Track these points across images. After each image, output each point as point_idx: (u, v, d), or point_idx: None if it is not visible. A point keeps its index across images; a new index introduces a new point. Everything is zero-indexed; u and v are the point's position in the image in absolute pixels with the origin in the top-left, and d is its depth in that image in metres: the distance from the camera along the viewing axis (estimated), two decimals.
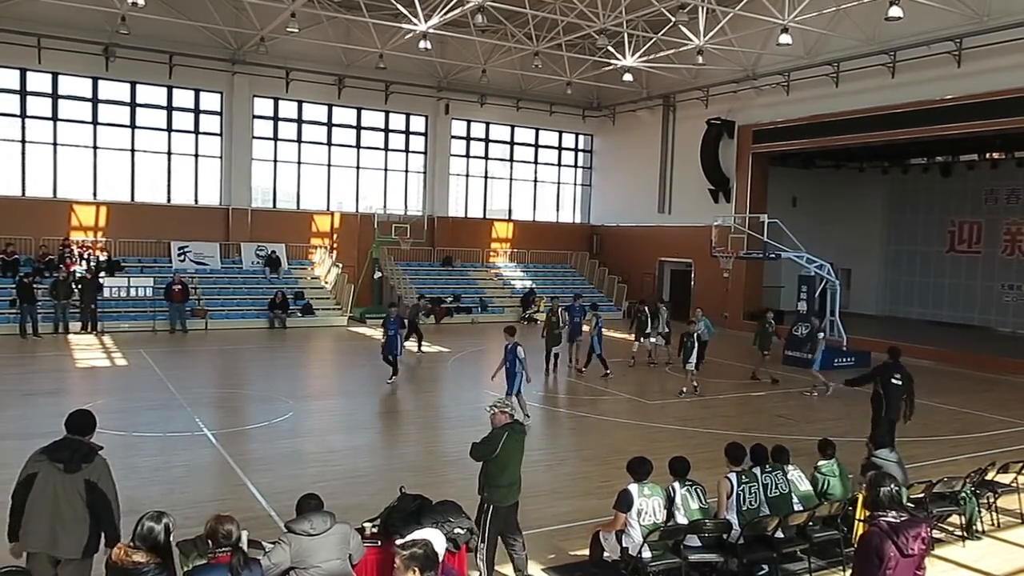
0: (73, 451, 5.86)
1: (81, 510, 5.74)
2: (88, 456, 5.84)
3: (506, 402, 7.58)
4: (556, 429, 14.19)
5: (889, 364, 11.75)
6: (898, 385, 11.47)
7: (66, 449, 5.88)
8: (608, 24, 23.10)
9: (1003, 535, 8.69)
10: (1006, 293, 28.43)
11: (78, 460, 5.81)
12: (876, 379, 11.79)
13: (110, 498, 5.81)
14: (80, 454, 5.84)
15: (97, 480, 5.79)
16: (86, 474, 5.77)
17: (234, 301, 26.57)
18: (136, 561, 4.47)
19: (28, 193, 26.17)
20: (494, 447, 7.06)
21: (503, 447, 7.05)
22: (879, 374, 11.82)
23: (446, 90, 31.99)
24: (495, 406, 7.35)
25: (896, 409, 11.39)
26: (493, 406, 7.36)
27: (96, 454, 5.89)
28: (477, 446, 7.22)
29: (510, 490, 7.14)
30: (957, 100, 21.88)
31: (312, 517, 5.52)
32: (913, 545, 4.60)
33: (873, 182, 32.05)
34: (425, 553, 4.10)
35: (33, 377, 16.81)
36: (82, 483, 5.76)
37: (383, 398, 15.95)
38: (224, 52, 27.74)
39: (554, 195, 36.44)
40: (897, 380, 11.50)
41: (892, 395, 11.44)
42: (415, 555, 4.07)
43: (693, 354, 16.58)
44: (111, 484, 5.87)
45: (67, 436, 5.96)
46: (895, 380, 11.50)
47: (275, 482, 9.82)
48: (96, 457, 5.86)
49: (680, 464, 7.38)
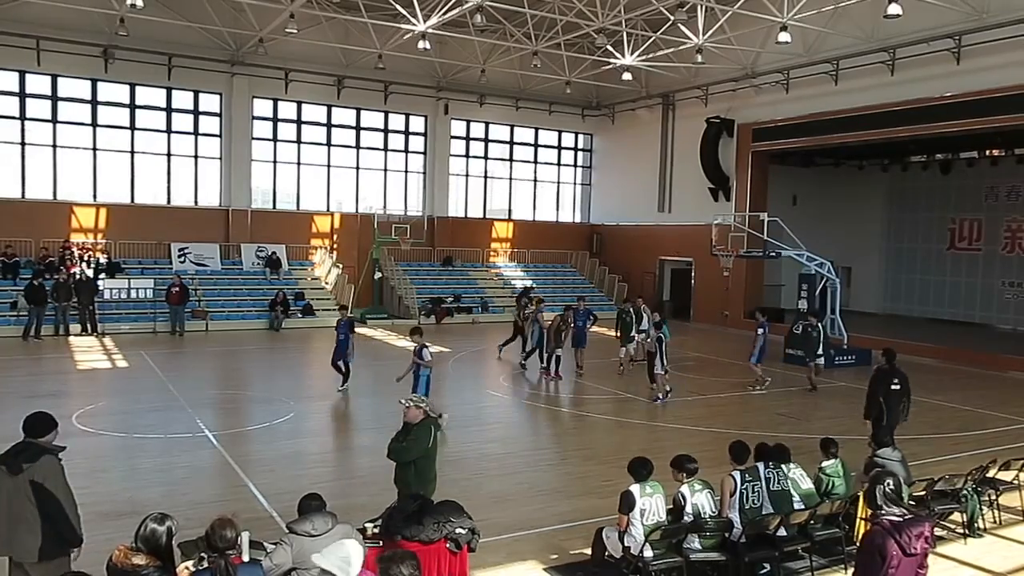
0: (17, 452, 5.74)
1: (31, 512, 5.61)
2: (33, 457, 5.68)
3: (421, 397, 7.54)
4: (557, 429, 14.19)
5: (885, 371, 11.41)
6: (897, 390, 11.14)
7: (11, 452, 5.77)
8: (607, 23, 23.11)
9: (1005, 532, 8.69)
10: (1007, 290, 28.42)
11: (20, 461, 5.66)
12: (878, 391, 11.29)
13: (59, 498, 5.64)
14: (25, 455, 5.70)
15: (43, 481, 5.62)
16: (30, 475, 5.61)
17: (234, 302, 26.58)
18: (136, 564, 4.43)
19: (28, 195, 26.17)
20: (426, 443, 7.12)
21: (433, 440, 7.18)
22: (879, 386, 11.33)
23: (445, 90, 31.99)
24: (411, 400, 7.36)
25: (896, 415, 11.06)
26: (409, 400, 7.37)
27: (44, 455, 5.70)
28: (408, 445, 7.11)
29: (434, 481, 7.32)
30: (956, 97, 21.86)
31: (314, 518, 5.51)
32: (916, 544, 4.59)
33: (873, 180, 32.05)
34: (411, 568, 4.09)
35: (34, 379, 16.79)
36: (27, 484, 5.61)
37: (384, 399, 15.92)
38: (223, 53, 27.74)
39: (554, 195, 36.44)
40: (896, 386, 11.16)
41: (893, 403, 11.08)
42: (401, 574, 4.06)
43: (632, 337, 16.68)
44: (61, 484, 5.69)
45: (24, 439, 5.84)
46: (894, 386, 11.15)
47: (276, 483, 9.82)
48: (43, 457, 5.68)
49: (689, 463, 7.33)
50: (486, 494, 9.60)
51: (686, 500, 7.10)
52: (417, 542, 6.31)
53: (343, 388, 15.90)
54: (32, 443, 5.80)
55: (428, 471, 7.24)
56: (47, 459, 5.71)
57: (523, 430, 14.28)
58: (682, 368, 19.77)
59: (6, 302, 22.96)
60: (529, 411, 15.48)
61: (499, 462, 11.47)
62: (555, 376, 17.75)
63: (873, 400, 11.29)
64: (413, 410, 7.23)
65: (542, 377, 17.82)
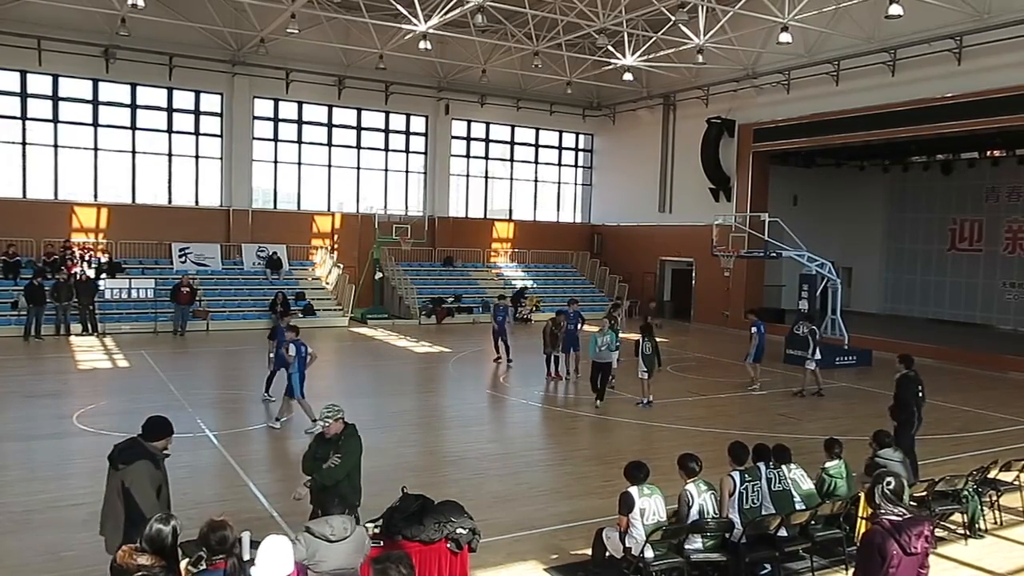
0: (121, 450, 6.04)
1: (119, 510, 5.89)
2: (129, 459, 5.94)
3: (337, 409, 6.90)
4: (557, 429, 14.18)
5: (911, 377, 10.74)
6: (921, 397, 10.72)
7: (118, 447, 6.08)
8: (608, 23, 23.10)
9: (1005, 533, 8.68)
10: (1007, 291, 28.41)
11: (119, 460, 5.97)
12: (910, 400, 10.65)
13: (139, 503, 5.79)
14: (124, 455, 5.98)
15: (130, 486, 5.85)
16: (123, 475, 5.90)
17: (235, 302, 26.58)
18: (141, 564, 4.42)
19: (29, 195, 26.19)
20: (360, 451, 6.86)
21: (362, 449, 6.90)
22: (909, 392, 10.65)
23: (446, 90, 31.99)
24: (328, 417, 6.79)
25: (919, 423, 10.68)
26: (326, 418, 6.80)
27: (140, 459, 5.93)
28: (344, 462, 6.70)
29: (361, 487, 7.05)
30: (957, 98, 21.86)
31: (333, 521, 5.49)
32: (916, 543, 4.58)
33: (874, 180, 32.04)
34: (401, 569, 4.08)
35: (35, 379, 16.81)
36: (118, 483, 5.91)
37: (384, 399, 15.96)
38: (224, 53, 27.75)
39: (555, 195, 36.44)
40: (921, 392, 10.71)
41: (920, 410, 10.64)
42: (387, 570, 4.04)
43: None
44: (143, 490, 5.86)
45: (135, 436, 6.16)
46: (920, 393, 10.70)
47: (277, 483, 9.83)
48: (137, 462, 5.92)
49: (694, 463, 7.30)
50: (487, 494, 9.60)
51: (693, 499, 7.09)
52: (418, 542, 6.32)
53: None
54: (137, 443, 6.06)
55: (358, 479, 6.92)
56: (140, 464, 5.92)
57: (523, 430, 14.28)
58: (683, 368, 19.79)
59: (7, 302, 22.97)
60: (529, 411, 15.48)
61: (499, 462, 11.47)
62: (555, 376, 17.77)
63: (906, 408, 10.60)
64: (333, 424, 6.76)
65: (545, 378, 17.80)
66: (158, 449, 6.12)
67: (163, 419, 6.23)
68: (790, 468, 7.86)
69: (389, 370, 19.67)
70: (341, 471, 6.66)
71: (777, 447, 8.01)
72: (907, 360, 11.14)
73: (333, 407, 6.89)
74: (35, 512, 8.65)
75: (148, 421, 6.21)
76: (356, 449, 6.83)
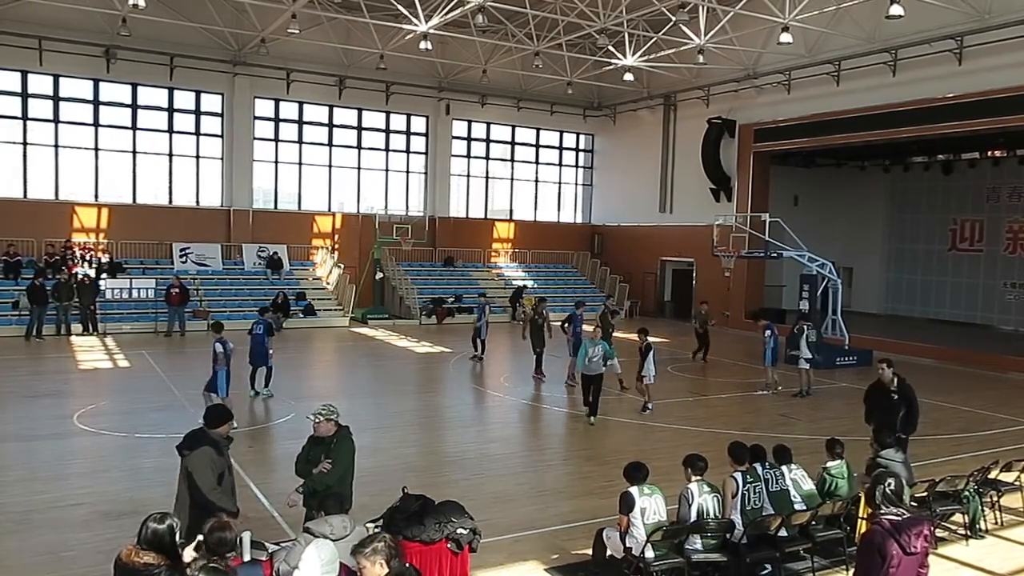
0: (186, 438, 6.51)
1: (185, 494, 6.30)
2: (192, 445, 6.37)
3: (331, 408, 6.87)
4: (557, 429, 14.19)
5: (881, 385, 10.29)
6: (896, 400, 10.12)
7: (187, 435, 6.54)
8: (608, 24, 23.11)
9: (1006, 534, 8.67)
10: (1008, 291, 28.39)
11: (184, 446, 6.44)
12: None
13: (200, 485, 6.17)
14: (188, 442, 6.45)
15: (192, 470, 6.24)
16: (186, 461, 6.34)
17: (236, 302, 26.57)
18: (147, 562, 4.44)
19: (30, 195, 26.21)
20: (352, 453, 6.80)
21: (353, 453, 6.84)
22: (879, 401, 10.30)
23: (447, 90, 31.99)
24: (320, 415, 6.76)
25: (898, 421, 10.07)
26: (318, 415, 6.77)
27: (202, 445, 6.35)
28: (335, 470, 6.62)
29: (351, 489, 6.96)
30: (958, 98, 21.85)
31: (332, 520, 5.49)
32: (916, 543, 4.58)
33: (875, 180, 32.03)
34: (386, 544, 4.10)
35: (36, 379, 16.82)
36: (183, 469, 6.36)
37: (385, 399, 15.96)
38: (225, 53, 27.75)
39: (555, 195, 36.44)
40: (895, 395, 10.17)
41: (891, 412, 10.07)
42: (377, 548, 4.07)
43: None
44: (204, 474, 6.23)
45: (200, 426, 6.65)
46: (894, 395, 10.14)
47: (277, 483, 9.80)
48: (200, 448, 6.34)
49: (700, 462, 7.30)
50: (487, 494, 9.60)
51: (693, 497, 7.09)
52: (419, 542, 6.31)
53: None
54: (201, 431, 6.55)
55: (349, 481, 6.84)
56: (203, 451, 6.34)
57: (524, 430, 14.27)
58: (683, 369, 19.79)
59: (8, 302, 22.97)
60: (530, 411, 15.47)
61: (500, 462, 11.46)
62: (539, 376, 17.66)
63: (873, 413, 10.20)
64: (324, 424, 6.72)
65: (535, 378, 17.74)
66: (221, 436, 6.54)
67: (221, 406, 6.85)
68: (791, 469, 7.85)
69: (389, 370, 19.67)
70: (331, 477, 6.61)
71: (777, 447, 8.02)
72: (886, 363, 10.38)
73: (328, 407, 6.87)
74: (35, 512, 8.65)
75: (208, 410, 6.83)
76: (346, 453, 6.76)
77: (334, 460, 6.67)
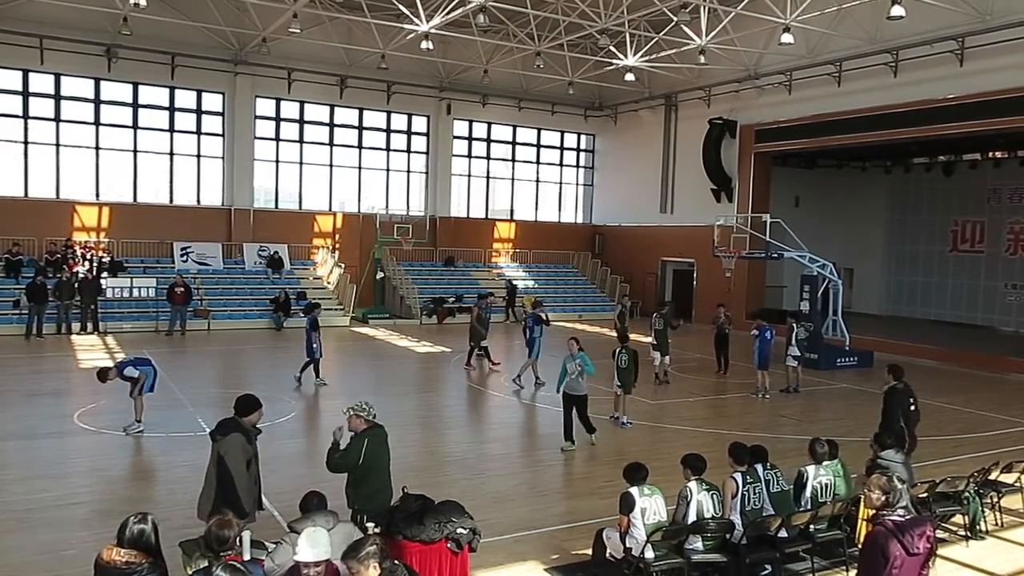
0: (219, 425, 6.78)
1: (213, 478, 6.55)
2: (226, 431, 6.60)
3: (363, 406, 7.00)
4: (558, 429, 14.15)
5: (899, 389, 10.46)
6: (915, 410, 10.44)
7: (219, 423, 6.86)
8: (610, 24, 23.10)
9: (1006, 535, 8.67)
10: (1009, 292, 28.38)
11: (217, 433, 6.69)
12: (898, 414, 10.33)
13: (231, 468, 6.39)
14: (221, 429, 6.71)
15: (224, 454, 6.46)
16: (219, 447, 6.58)
17: (236, 301, 26.59)
18: (128, 561, 4.40)
19: (31, 194, 26.22)
20: (356, 458, 6.79)
21: (365, 455, 6.80)
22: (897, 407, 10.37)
23: (448, 90, 32.00)
24: (352, 409, 6.93)
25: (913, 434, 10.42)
26: (351, 408, 6.95)
27: (235, 432, 6.58)
28: (337, 458, 6.82)
29: (378, 495, 6.89)
30: (959, 99, 21.84)
31: (315, 516, 5.52)
32: (919, 544, 4.59)
33: (876, 182, 32.01)
34: (377, 546, 4.10)
35: (36, 377, 16.82)
36: (215, 454, 6.60)
37: (385, 399, 15.93)
38: (226, 53, 27.76)
39: (556, 195, 36.44)
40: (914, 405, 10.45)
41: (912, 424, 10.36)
42: (369, 552, 4.05)
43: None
44: (235, 459, 6.46)
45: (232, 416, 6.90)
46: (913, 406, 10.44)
47: (278, 482, 9.82)
48: (232, 434, 6.58)
49: (699, 462, 7.29)
50: (487, 494, 9.60)
51: (692, 496, 7.08)
52: (418, 542, 6.31)
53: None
54: (233, 420, 6.82)
55: (360, 483, 6.85)
56: (235, 437, 6.63)
57: (524, 430, 14.28)
58: (684, 369, 19.77)
59: (9, 300, 22.98)
60: (530, 411, 15.46)
61: (500, 462, 11.48)
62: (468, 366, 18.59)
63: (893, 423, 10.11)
64: (353, 419, 6.88)
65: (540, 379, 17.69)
66: (251, 424, 6.83)
67: (251, 395, 7.06)
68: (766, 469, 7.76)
69: (390, 370, 19.68)
70: (334, 464, 6.89)
71: (753, 447, 7.89)
72: (896, 371, 10.57)
73: (360, 403, 7.08)
74: (36, 511, 8.66)
75: (238, 399, 7.01)
76: (353, 451, 6.80)
77: (346, 450, 6.89)
